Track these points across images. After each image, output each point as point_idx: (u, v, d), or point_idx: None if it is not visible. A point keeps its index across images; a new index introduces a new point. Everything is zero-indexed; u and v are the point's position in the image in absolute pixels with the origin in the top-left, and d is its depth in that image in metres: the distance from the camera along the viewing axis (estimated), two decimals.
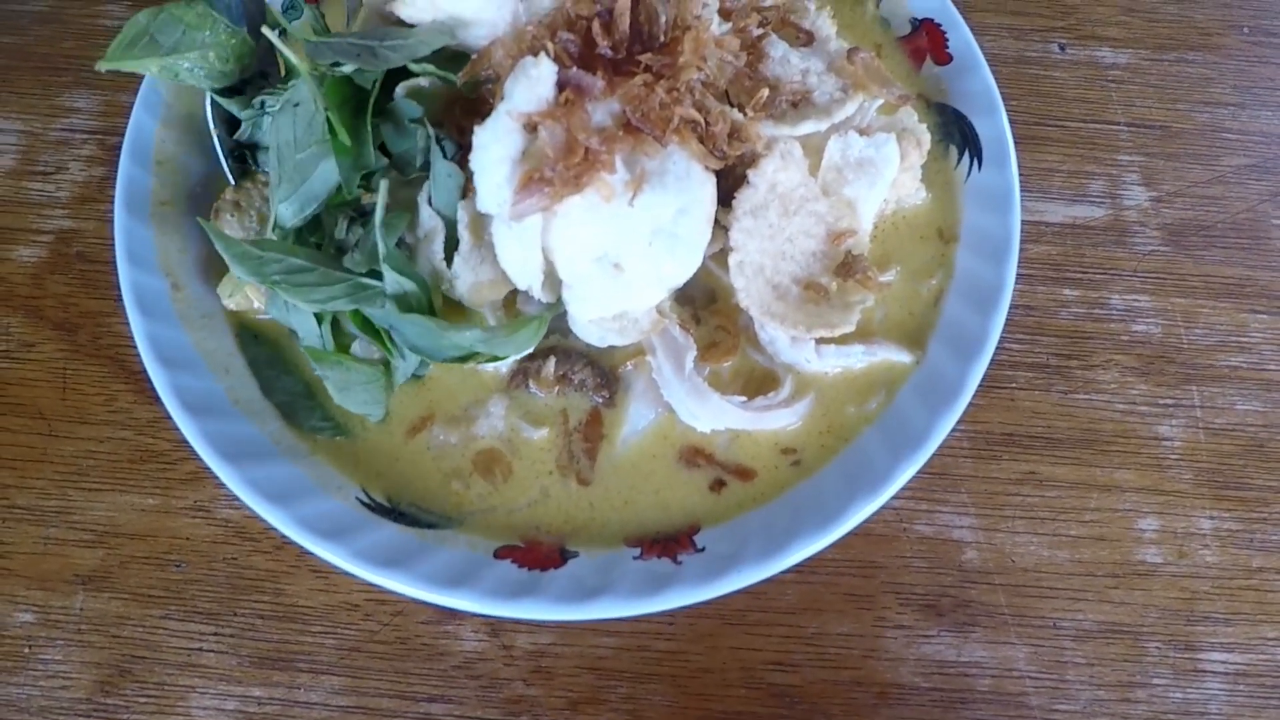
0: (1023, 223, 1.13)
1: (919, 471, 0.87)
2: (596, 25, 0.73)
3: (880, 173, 0.84)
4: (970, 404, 1.00)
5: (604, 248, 0.75)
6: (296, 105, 0.81)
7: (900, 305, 0.93)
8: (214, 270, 0.97)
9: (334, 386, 0.82)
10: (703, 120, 0.75)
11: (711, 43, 0.77)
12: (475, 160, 0.74)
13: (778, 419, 0.85)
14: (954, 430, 1.01)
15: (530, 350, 0.85)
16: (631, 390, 0.89)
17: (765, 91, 0.80)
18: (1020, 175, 1.15)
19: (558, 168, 0.69)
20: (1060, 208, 1.16)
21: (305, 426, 0.88)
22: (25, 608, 0.96)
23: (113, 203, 0.95)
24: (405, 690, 0.92)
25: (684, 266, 0.77)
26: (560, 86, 0.72)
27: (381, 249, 0.79)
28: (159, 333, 0.86)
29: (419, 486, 0.86)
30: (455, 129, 0.80)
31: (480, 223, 0.79)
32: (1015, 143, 1.00)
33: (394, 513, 0.85)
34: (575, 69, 0.72)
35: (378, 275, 0.79)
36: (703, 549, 0.81)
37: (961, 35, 1.01)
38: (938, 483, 1.01)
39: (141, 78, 1.01)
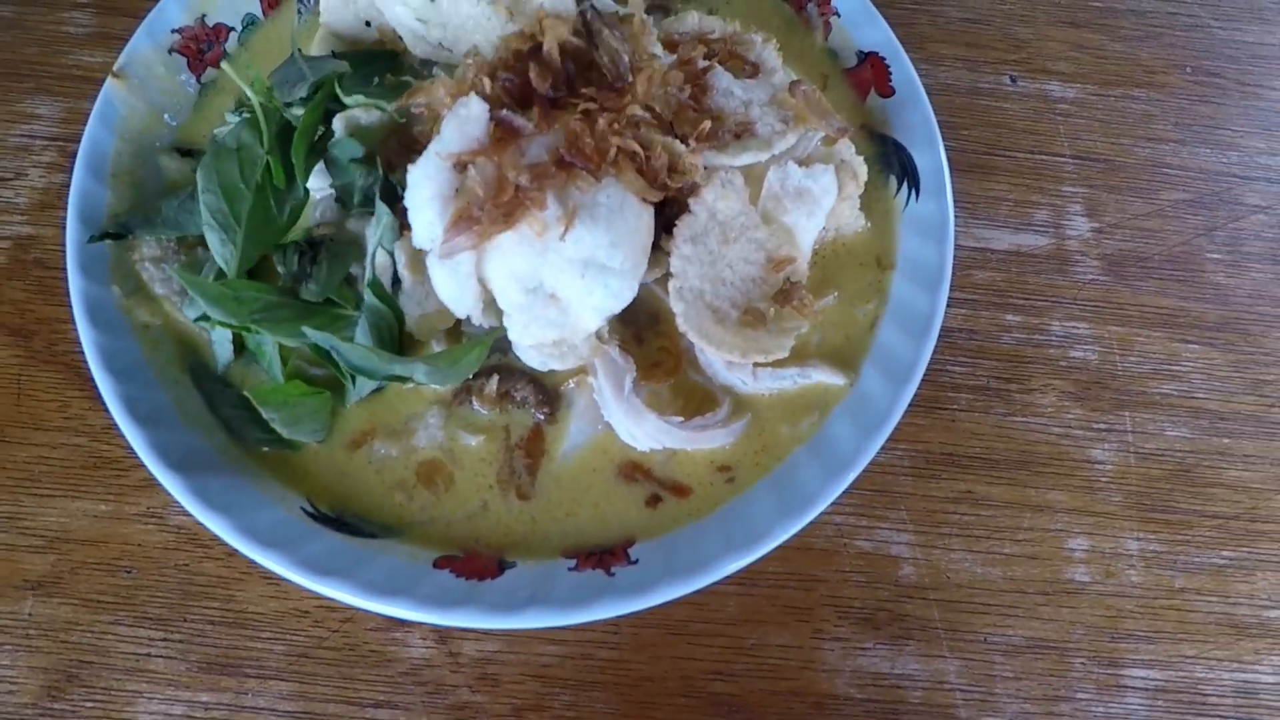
0: (969, 249, 1.18)
1: (860, 488, 0.90)
2: (533, 68, 0.74)
3: (818, 202, 0.87)
4: (912, 424, 1.04)
5: (538, 278, 0.77)
6: (239, 149, 0.83)
7: (836, 329, 0.96)
8: None
9: (282, 424, 0.84)
10: (642, 152, 0.76)
11: (658, 77, 0.79)
12: (409, 197, 0.76)
13: (713, 439, 0.88)
14: (895, 449, 1.06)
15: (464, 377, 0.87)
16: (573, 407, 0.91)
17: (708, 123, 0.82)
18: (968, 203, 1.21)
19: (487, 206, 0.71)
20: (1006, 235, 1.20)
21: (249, 441, 0.89)
22: None
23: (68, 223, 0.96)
24: (352, 696, 0.94)
25: (618, 297, 0.79)
26: (495, 123, 0.74)
27: (368, 274, 0.83)
28: (109, 343, 0.87)
29: (362, 498, 0.88)
30: (387, 165, 0.82)
31: (419, 259, 0.81)
32: (963, 171, 1.05)
33: (337, 522, 0.86)
34: (505, 111, 0.74)
35: (334, 304, 0.81)
36: (636, 561, 0.83)
37: (904, 70, 1.04)
38: (878, 499, 1.04)
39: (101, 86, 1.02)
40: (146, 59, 1.02)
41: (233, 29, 1.07)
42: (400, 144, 0.82)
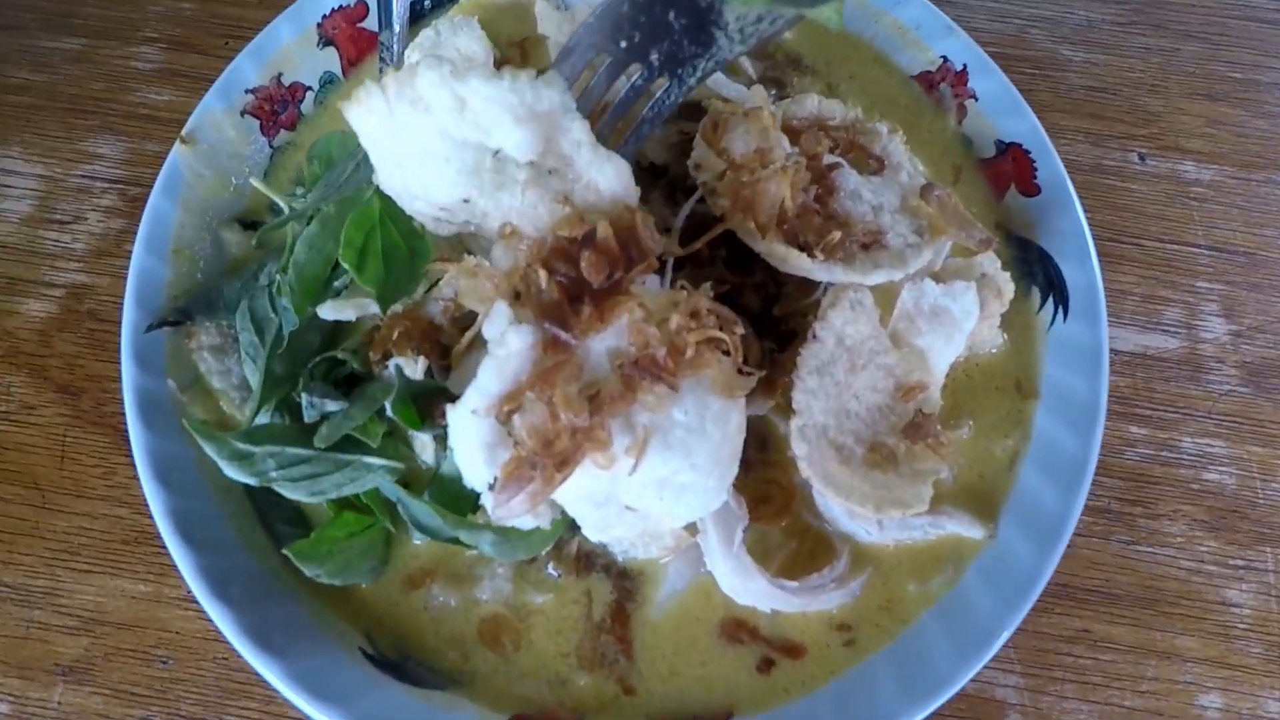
0: None
1: None
2: (586, 258, 0.62)
3: (958, 325, 0.76)
4: None
5: (608, 495, 0.67)
6: (270, 284, 0.78)
7: (971, 466, 0.85)
8: None
9: (330, 575, 0.76)
10: (728, 338, 0.64)
11: (784, 184, 0.69)
12: (452, 440, 0.66)
13: (829, 601, 0.77)
14: None
15: (540, 553, 0.78)
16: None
17: (837, 234, 0.72)
18: None
19: (540, 460, 0.61)
20: (1132, 335, 1.08)
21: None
22: (2, 698, 0.91)
23: (126, 272, 0.89)
24: None
25: (705, 507, 0.68)
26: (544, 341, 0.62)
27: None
28: (161, 448, 0.80)
29: (420, 643, 0.80)
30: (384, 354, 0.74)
31: None
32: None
33: (398, 668, 0.78)
34: (551, 324, 0.62)
35: (358, 447, 0.73)
36: None
37: (1053, 168, 0.93)
38: None
39: (174, 127, 0.94)
40: (217, 121, 0.95)
41: (310, 88, 1.00)
42: (420, 336, 0.73)
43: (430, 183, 0.69)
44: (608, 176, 0.67)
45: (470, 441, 0.63)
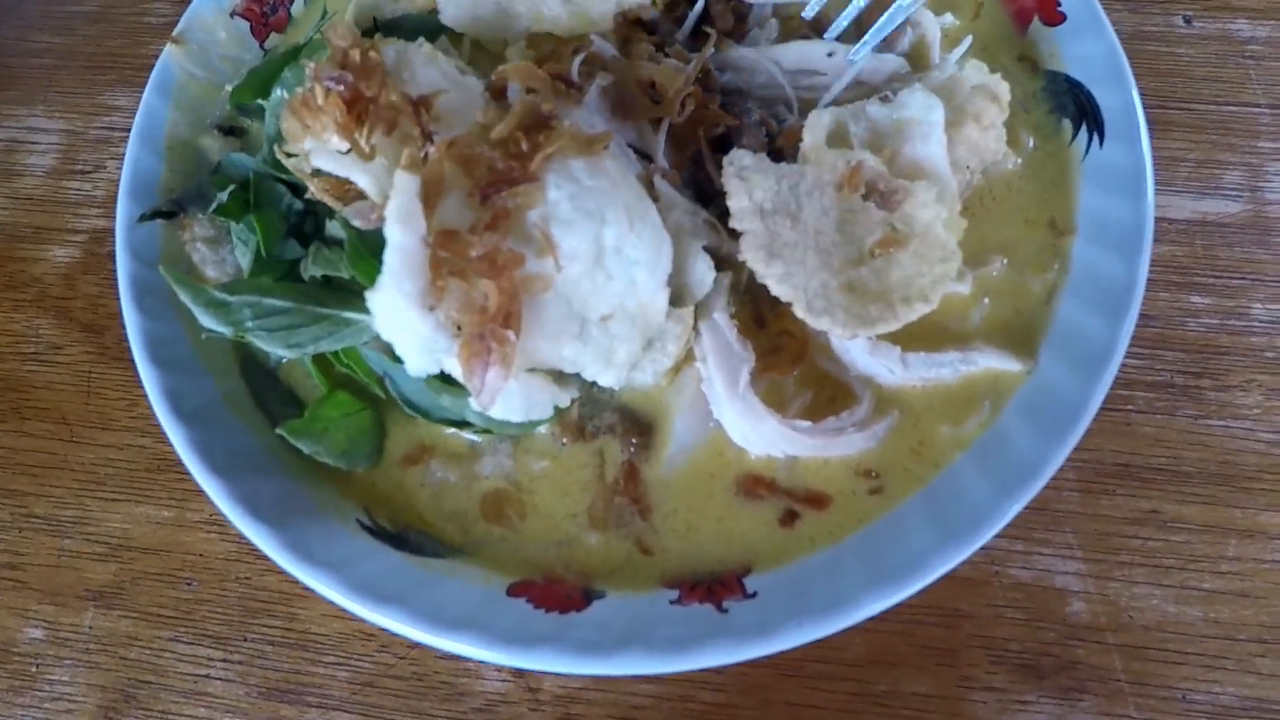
0: None
1: None
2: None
3: (926, 120, 0.69)
4: None
5: (579, 319, 0.64)
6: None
7: (1005, 302, 0.78)
8: None
9: (328, 455, 0.74)
10: (546, 106, 0.63)
11: None
12: (398, 349, 0.64)
13: (850, 444, 0.71)
14: None
15: (536, 427, 0.76)
16: (678, 398, 0.76)
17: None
18: None
19: (482, 322, 0.59)
20: (1187, 201, 1.00)
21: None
22: (36, 623, 0.92)
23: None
24: None
25: (659, 260, 0.65)
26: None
27: None
28: (155, 330, 0.80)
29: (417, 517, 0.77)
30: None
31: None
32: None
33: (398, 539, 0.75)
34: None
35: (339, 301, 0.70)
36: (754, 594, 0.69)
37: None
38: (1036, 519, 0.86)
39: None
40: (207, 23, 0.97)
41: None
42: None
43: None
44: None
45: (410, 347, 0.62)
